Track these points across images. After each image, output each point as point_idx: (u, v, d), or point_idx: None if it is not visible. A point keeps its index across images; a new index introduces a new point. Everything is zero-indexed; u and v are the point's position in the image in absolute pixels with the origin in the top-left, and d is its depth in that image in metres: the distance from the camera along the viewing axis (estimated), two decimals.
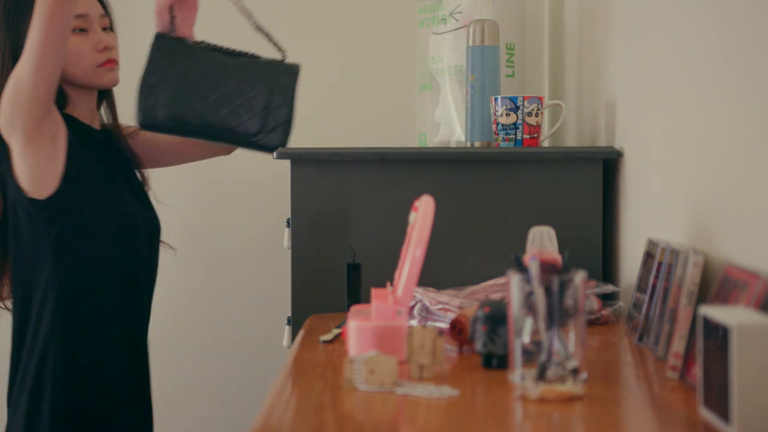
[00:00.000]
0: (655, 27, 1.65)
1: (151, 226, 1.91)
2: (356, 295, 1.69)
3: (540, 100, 1.95)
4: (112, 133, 1.95)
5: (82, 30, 1.83)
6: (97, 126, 1.92)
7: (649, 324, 1.41)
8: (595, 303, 1.64)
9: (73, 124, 1.81)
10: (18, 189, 1.73)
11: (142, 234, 1.86)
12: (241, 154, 2.90)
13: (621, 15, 1.89)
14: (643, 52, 1.72)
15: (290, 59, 1.84)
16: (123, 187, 1.87)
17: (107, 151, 1.90)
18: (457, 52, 2.23)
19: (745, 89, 1.23)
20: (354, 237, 1.85)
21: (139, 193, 1.93)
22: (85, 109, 1.88)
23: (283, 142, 1.78)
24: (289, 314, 1.89)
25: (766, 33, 1.17)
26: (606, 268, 1.91)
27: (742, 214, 1.23)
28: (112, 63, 1.86)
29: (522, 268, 1.15)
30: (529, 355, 1.13)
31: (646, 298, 1.44)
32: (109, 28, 1.90)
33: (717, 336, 0.96)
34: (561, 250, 1.23)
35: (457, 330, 1.40)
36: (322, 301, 1.83)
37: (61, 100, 1.81)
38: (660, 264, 1.41)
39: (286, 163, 1.89)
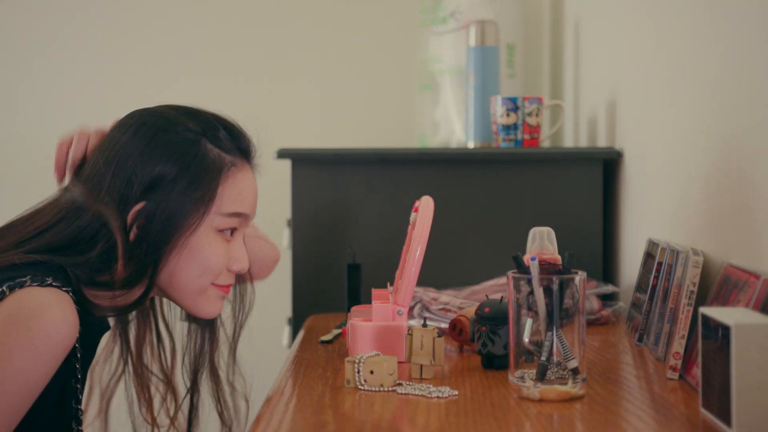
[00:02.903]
0: (655, 27, 1.65)
1: None
2: (356, 295, 1.69)
3: (540, 100, 1.95)
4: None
5: (233, 231, 1.32)
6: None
7: (649, 324, 1.41)
8: (595, 303, 1.64)
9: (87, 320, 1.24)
10: None
11: None
12: None
13: (621, 15, 1.89)
14: (643, 52, 1.72)
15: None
16: None
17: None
18: (458, 52, 2.23)
19: (744, 89, 1.23)
20: (354, 237, 1.85)
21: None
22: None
23: None
24: (289, 314, 1.89)
25: (766, 33, 1.17)
26: (606, 268, 1.91)
27: (742, 214, 1.23)
28: (228, 290, 1.36)
29: (522, 268, 1.15)
30: (529, 355, 1.13)
31: (646, 298, 1.44)
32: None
33: (717, 336, 0.96)
34: (561, 250, 1.23)
35: (457, 330, 1.40)
36: (322, 301, 1.83)
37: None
38: (660, 264, 1.41)
39: (286, 163, 1.89)
